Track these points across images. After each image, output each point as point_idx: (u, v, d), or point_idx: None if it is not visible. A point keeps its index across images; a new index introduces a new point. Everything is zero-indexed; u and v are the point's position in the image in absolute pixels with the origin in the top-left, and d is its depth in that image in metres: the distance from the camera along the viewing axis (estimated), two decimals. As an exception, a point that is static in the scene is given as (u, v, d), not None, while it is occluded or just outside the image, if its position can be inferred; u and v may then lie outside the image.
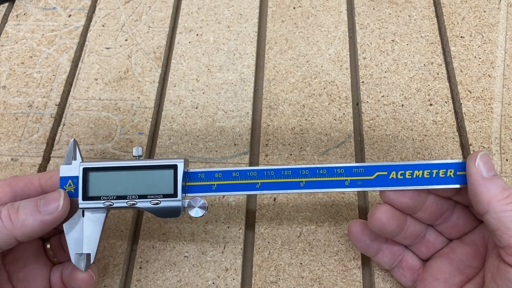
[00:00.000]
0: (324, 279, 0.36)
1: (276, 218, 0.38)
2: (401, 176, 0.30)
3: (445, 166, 0.30)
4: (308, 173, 0.31)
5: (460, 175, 0.30)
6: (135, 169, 0.31)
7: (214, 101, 0.44)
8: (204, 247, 0.37)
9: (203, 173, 0.31)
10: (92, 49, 0.48)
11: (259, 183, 0.31)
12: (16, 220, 0.27)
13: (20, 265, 0.31)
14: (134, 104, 0.44)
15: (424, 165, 0.30)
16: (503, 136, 0.41)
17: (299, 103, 0.44)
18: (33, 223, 0.28)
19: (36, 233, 0.28)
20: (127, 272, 0.37)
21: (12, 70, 0.46)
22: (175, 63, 0.47)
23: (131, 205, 0.31)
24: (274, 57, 0.47)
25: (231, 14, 0.50)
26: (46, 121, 0.43)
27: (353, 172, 0.31)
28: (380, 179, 0.31)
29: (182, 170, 0.31)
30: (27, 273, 0.31)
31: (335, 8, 0.50)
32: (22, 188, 0.30)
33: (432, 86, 0.44)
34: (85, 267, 0.30)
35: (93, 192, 0.31)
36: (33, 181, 0.31)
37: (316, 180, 0.31)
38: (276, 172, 0.31)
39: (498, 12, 0.49)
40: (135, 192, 0.31)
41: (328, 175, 0.31)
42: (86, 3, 0.51)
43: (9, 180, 0.31)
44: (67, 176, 0.31)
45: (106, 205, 0.31)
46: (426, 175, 0.30)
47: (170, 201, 0.31)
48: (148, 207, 0.31)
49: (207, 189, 0.31)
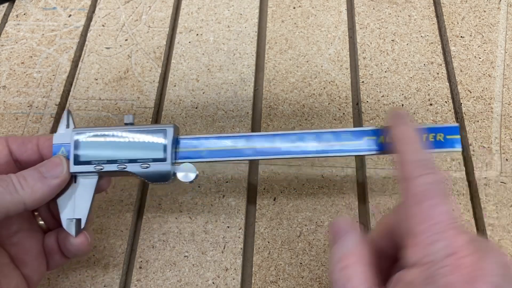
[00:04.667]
0: (324, 279, 0.36)
1: (276, 218, 0.38)
2: (390, 140, 0.31)
3: (434, 130, 0.31)
4: (295, 139, 0.32)
5: (450, 138, 0.31)
6: (126, 134, 0.32)
7: (214, 101, 0.44)
8: (204, 247, 0.37)
9: (193, 139, 0.32)
10: (92, 49, 0.48)
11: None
12: (27, 186, 0.28)
13: (13, 231, 0.31)
14: (134, 104, 0.44)
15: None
16: (503, 136, 0.41)
17: (299, 103, 0.44)
18: (42, 188, 0.29)
19: (44, 198, 0.29)
20: (127, 272, 0.37)
21: (12, 70, 0.46)
22: (175, 63, 0.47)
23: (121, 169, 0.31)
24: (274, 57, 0.47)
25: (231, 14, 0.50)
26: (46, 121, 0.43)
27: (342, 138, 0.31)
28: (370, 142, 0.31)
29: (171, 134, 0.31)
30: (20, 238, 0.31)
31: (335, 8, 0.50)
32: (19, 145, 0.31)
33: (432, 86, 0.44)
34: (76, 232, 0.30)
35: (84, 157, 0.31)
36: (31, 139, 0.32)
37: (301, 146, 0.31)
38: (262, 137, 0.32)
39: (498, 12, 0.49)
40: (125, 157, 0.31)
41: (317, 139, 0.31)
42: (86, 3, 0.51)
43: (5, 137, 0.31)
44: (60, 144, 0.32)
45: (97, 169, 0.31)
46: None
47: (160, 165, 0.31)
48: (138, 171, 0.31)
49: (197, 155, 0.32)
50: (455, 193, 0.39)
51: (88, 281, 0.36)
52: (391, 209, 0.38)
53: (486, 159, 0.40)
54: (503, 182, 0.39)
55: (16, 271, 0.30)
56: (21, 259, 0.31)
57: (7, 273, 0.29)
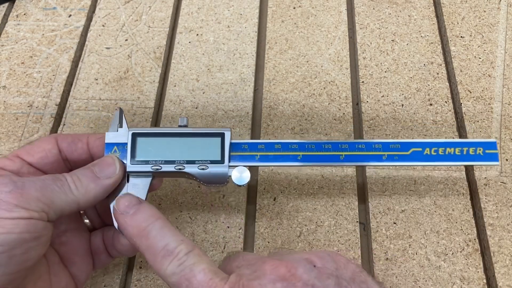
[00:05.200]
0: (324, 279, 0.36)
1: (276, 218, 0.38)
2: (434, 152, 0.33)
3: (475, 145, 0.33)
4: (348, 147, 0.33)
5: (489, 153, 0.33)
6: (183, 135, 0.32)
7: (214, 101, 0.44)
8: (204, 247, 0.37)
9: (247, 144, 0.33)
10: (92, 49, 0.48)
11: (300, 155, 0.33)
12: (81, 186, 0.28)
13: (62, 230, 0.31)
14: (134, 104, 0.44)
15: (456, 143, 0.33)
16: (503, 136, 0.41)
17: (299, 103, 0.44)
18: (95, 188, 0.28)
19: (97, 198, 0.29)
20: (127, 272, 0.37)
21: (12, 70, 0.46)
22: (175, 63, 0.47)
23: (179, 170, 0.31)
24: (274, 57, 0.47)
25: (231, 14, 0.50)
26: (46, 121, 0.43)
27: (390, 148, 0.33)
28: (415, 154, 0.33)
29: (229, 137, 0.32)
30: (69, 238, 0.31)
31: (335, 8, 0.50)
32: (69, 144, 0.31)
33: (432, 86, 0.44)
34: None
35: (141, 156, 0.31)
36: (81, 138, 0.31)
37: (355, 154, 0.33)
38: (317, 146, 0.33)
39: (498, 12, 0.49)
40: (183, 158, 0.31)
41: (367, 149, 0.33)
42: (86, 3, 0.51)
43: (55, 135, 0.31)
44: (112, 143, 0.31)
45: (154, 169, 0.31)
46: (457, 152, 0.33)
47: (217, 167, 0.31)
48: (196, 172, 0.31)
49: (251, 159, 0.32)
50: (455, 193, 0.39)
51: (88, 281, 0.36)
52: (391, 208, 0.38)
53: (486, 159, 0.40)
54: (503, 182, 0.39)
55: (65, 271, 0.30)
56: (69, 258, 0.31)
57: (57, 272, 0.30)
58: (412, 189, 0.39)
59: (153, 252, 0.26)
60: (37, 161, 0.30)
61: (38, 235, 0.26)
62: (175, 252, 0.26)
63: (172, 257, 0.26)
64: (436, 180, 0.40)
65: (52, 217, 0.27)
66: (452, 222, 0.38)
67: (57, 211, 0.27)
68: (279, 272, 0.25)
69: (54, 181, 0.27)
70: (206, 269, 0.25)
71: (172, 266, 0.26)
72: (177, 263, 0.26)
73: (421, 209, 0.38)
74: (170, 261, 0.26)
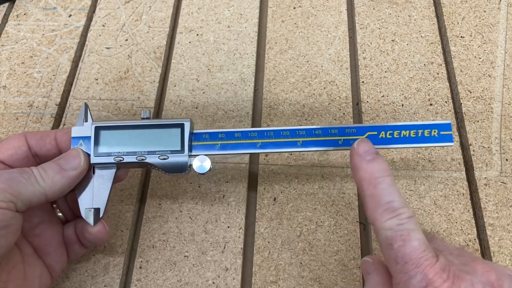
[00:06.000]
0: (324, 279, 0.36)
1: (276, 218, 0.38)
2: (389, 135, 0.33)
3: (429, 127, 0.33)
4: (305, 133, 0.34)
5: (443, 134, 0.33)
6: (144, 127, 0.33)
7: (214, 101, 0.44)
8: (204, 247, 0.37)
9: (207, 134, 0.34)
10: (92, 49, 0.48)
11: (259, 142, 0.34)
12: (47, 178, 0.29)
13: (35, 223, 0.32)
14: (134, 104, 0.44)
15: (410, 125, 0.34)
16: (503, 136, 0.41)
17: (299, 103, 0.44)
18: (61, 179, 0.30)
19: (64, 189, 0.30)
20: (127, 272, 0.37)
21: (12, 70, 0.46)
22: (175, 63, 0.47)
23: (141, 160, 0.32)
24: (274, 57, 0.47)
25: (231, 14, 0.50)
26: (46, 121, 0.43)
27: (346, 132, 0.33)
28: (371, 138, 0.33)
29: (188, 127, 0.33)
30: (42, 230, 0.32)
31: (335, 8, 0.50)
32: (38, 140, 0.32)
33: (432, 86, 0.44)
34: (94, 221, 0.32)
35: (104, 148, 0.33)
36: (49, 133, 0.33)
37: (312, 140, 0.33)
38: (275, 133, 0.34)
39: (498, 12, 0.49)
40: (144, 149, 0.33)
41: (323, 135, 0.33)
42: (86, 3, 0.51)
43: (24, 132, 0.32)
44: (78, 137, 0.33)
45: (116, 160, 0.32)
46: (412, 134, 0.33)
47: (178, 156, 0.33)
48: (157, 162, 0.32)
49: (211, 148, 0.33)
50: (455, 193, 0.39)
51: (88, 281, 0.36)
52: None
53: (486, 159, 0.40)
54: (503, 182, 0.39)
55: (39, 261, 0.32)
56: (43, 249, 0.32)
57: (31, 263, 0.31)
58: (412, 189, 0.39)
59: (377, 201, 0.27)
60: (7, 158, 0.31)
61: (7, 223, 0.27)
62: (398, 211, 0.26)
63: (394, 215, 0.26)
64: (436, 180, 0.40)
65: (20, 207, 0.28)
66: (452, 222, 0.38)
67: (25, 202, 0.28)
68: (489, 277, 0.25)
69: (21, 173, 0.29)
70: (422, 240, 0.26)
71: (391, 222, 0.26)
72: (397, 221, 0.26)
73: (421, 209, 0.38)
74: (391, 217, 0.26)
